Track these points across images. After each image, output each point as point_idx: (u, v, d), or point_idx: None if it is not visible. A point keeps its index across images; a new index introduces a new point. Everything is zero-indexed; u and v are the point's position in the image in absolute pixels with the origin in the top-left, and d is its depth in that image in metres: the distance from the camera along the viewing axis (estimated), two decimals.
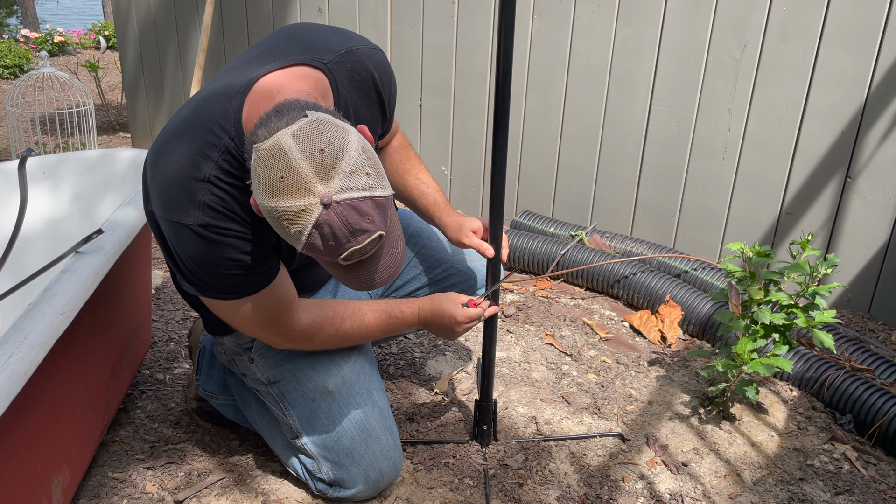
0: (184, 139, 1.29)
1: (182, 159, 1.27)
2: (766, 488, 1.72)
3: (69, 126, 4.32)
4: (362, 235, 1.15)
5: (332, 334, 1.51)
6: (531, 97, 2.97)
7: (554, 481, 1.71)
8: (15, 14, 12.52)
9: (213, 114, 1.28)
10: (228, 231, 1.29)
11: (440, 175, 3.32)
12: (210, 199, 1.26)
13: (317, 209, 1.11)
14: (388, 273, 1.26)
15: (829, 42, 2.34)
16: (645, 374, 2.17)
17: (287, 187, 1.11)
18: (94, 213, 2.22)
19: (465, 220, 1.69)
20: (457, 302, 1.57)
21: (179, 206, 1.27)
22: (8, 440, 1.26)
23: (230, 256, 1.30)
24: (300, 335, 1.49)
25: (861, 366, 2.11)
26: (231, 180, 1.27)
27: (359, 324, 1.54)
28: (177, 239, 1.30)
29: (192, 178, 1.26)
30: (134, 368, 1.97)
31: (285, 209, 1.12)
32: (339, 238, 1.14)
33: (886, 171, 2.35)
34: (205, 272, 1.32)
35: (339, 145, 1.12)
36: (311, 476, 1.61)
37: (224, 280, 1.34)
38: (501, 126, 1.48)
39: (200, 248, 1.29)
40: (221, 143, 1.27)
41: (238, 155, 1.27)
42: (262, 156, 1.13)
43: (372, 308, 1.56)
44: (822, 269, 1.85)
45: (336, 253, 1.16)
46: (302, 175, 1.10)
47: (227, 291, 1.36)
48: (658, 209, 2.82)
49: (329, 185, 1.11)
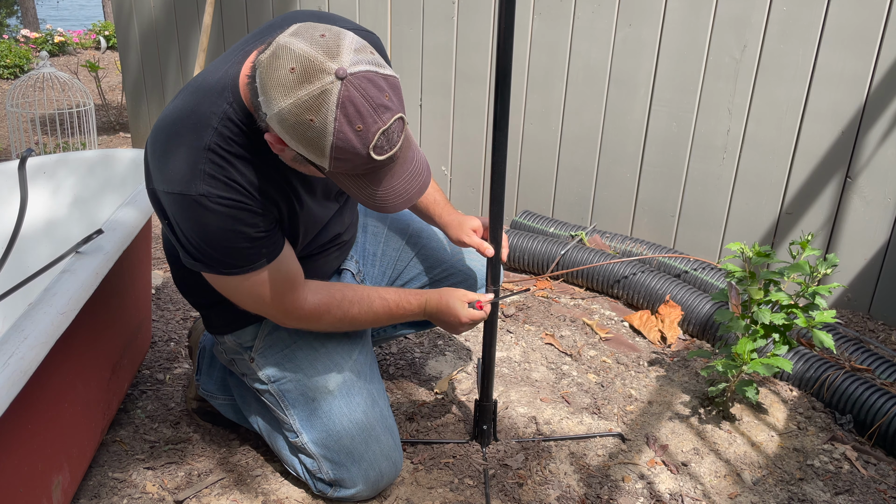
0: (183, 112, 1.29)
1: (181, 129, 1.27)
2: (766, 488, 1.72)
3: (69, 126, 4.33)
4: (386, 114, 1.13)
5: (339, 317, 1.51)
6: (531, 97, 2.97)
7: (554, 481, 1.71)
8: (15, 14, 12.53)
9: (212, 85, 1.29)
10: (230, 201, 1.27)
11: (440, 175, 3.32)
12: (211, 169, 1.25)
13: (335, 86, 1.09)
14: (419, 181, 1.25)
15: (829, 42, 2.34)
16: (645, 374, 2.17)
17: (299, 75, 1.10)
18: (94, 213, 2.22)
19: (465, 219, 1.69)
20: (463, 301, 1.57)
21: (180, 176, 1.25)
22: (8, 440, 1.26)
23: (232, 228, 1.28)
24: (308, 314, 1.47)
25: (861, 366, 2.11)
26: (231, 147, 1.27)
27: (366, 309, 1.53)
28: (178, 212, 1.28)
29: (191, 147, 1.25)
30: (134, 368, 1.97)
31: (304, 99, 1.10)
32: (364, 116, 1.11)
33: (886, 171, 2.35)
34: (208, 245, 1.30)
35: (336, 31, 1.15)
36: (311, 476, 1.61)
37: (227, 253, 1.32)
38: (501, 126, 1.48)
39: (202, 219, 1.27)
40: (220, 109, 1.26)
41: (237, 121, 1.27)
42: (266, 63, 1.13)
43: (380, 295, 1.56)
44: (822, 269, 1.85)
45: (366, 140, 1.13)
46: (311, 59, 1.10)
47: (231, 265, 1.34)
48: (658, 209, 2.82)
49: (340, 61, 1.10)
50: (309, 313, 1.47)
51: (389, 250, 1.87)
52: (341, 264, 1.78)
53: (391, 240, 1.88)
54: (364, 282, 1.82)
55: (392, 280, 1.86)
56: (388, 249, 1.87)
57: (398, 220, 1.91)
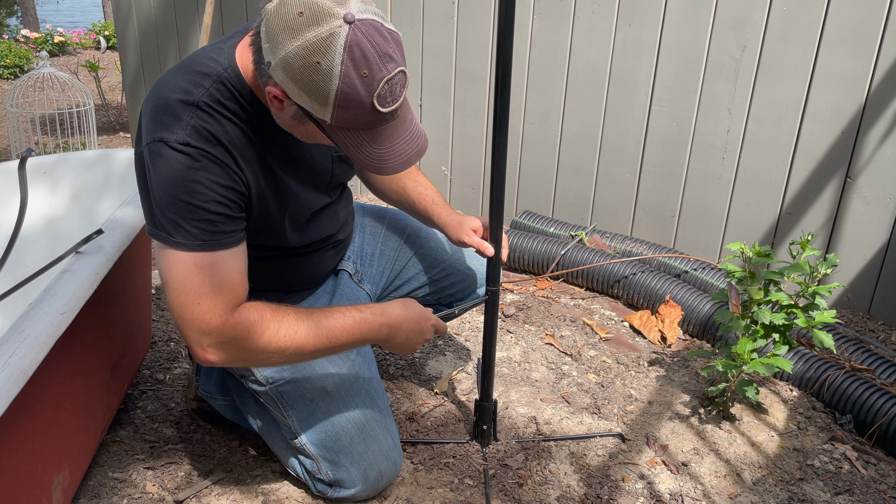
0: (176, 74, 1.30)
1: (174, 88, 1.28)
2: (766, 488, 1.72)
3: (69, 126, 4.33)
4: (390, 63, 1.15)
5: (274, 330, 1.33)
6: (531, 97, 2.97)
7: (554, 481, 1.71)
8: (15, 14, 12.53)
9: (208, 52, 1.31)
10: (207, 154, 1.25)
11: (440, 175, 3.32)
12: (196, 122, 1.25)
13: (343, 30, 1.11)
14: (418, 145, 1.26)
15: (829, 42, 2.33)
16: (645, 374, 2.17)
17: (308, 18, 1.11)
18: (94, 212, 2.22)
19: (464, 219, 1.69)
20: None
21: (164, 125, 1.25)
22: (8, 440, 1.26)
23: (201, 181, 1.24)
24: (233, 328, 1.30)
25: (861, 366, 2.11)
26: (220, 109, 1.27)
27: (314, 323, 1.38)
28: (153, 160, 1.26)
29: (180, 102, 1.26)
30: (134, 368, 1.97)
31: (312, 40, 1.11)
32: (370, 63, 1.12)
33: (886, 171, 2.35)
34: (172, 200, 1.24)
35: None
36: (310, 476, 1.61)
37: (187, 214, 1.25)
38: (501, 126, 1.48)
39: (175, 166, 1.24)
40: (215, 72, 1.28)
41: (231, 86, 1.28)
42: (273, 9, 1.14)
43: (331, 312, 1.42)
44: (821, 269, 1.85)
45: (371, 88, 1.14)
46: (319, 3, 1.11)
47: (185, 233, 1.26)
48: (658, 209, 2.82)
49: (348, 7, 1.12)
50: (231, 324, 1.30)
51: (388, 250, 1.87)
52: (338, 265, 1.77)
53: (389, 239, 1.88)
54: (362, 282, 1.82)
55: (391, 280, 1.86)
56: (387, 249, 1.87)
57: (396, 219, 1.91)
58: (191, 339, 1.31)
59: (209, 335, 1.29)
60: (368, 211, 1.92)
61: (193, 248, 1.27)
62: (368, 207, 1.94)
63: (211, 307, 1.28)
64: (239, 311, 1.31)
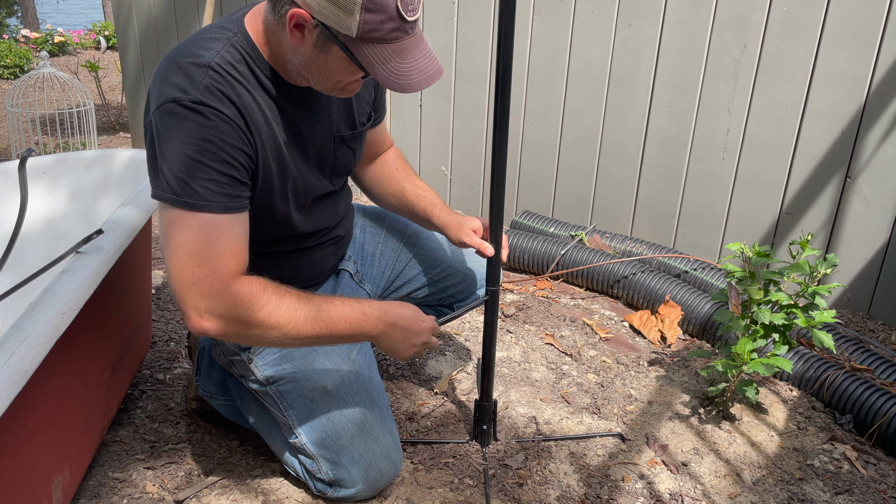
0: (187, 42, 1.33)
1: (185, 53, 1.30)
2: (766, 488, 1.72)
3: (69, 126, 4.33)
4: None
5: (275, 304, 1.32)
6: (531, 97, 2.97)
7: (554, 481, 1.71)
8: (15, 14, 12.53)
9: (215, 24, 1.35)
10: (220, 113, 1.26)
11: (440, 175, 3.32)
12: (209, 82, 1.26)
13: None
14: (436, 64, 1.28)
15: (829, 42, 2.34)
16: (645, 374, 2.17)
17: None
18: (94, 212, 2.22)
19: (464, 220, 1.69)
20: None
21: (176, 86, 1.26)
22: (8, 440, 1.26)
23: (214, 140, 1.25)
24: (233, 295, 1.28)
25: (861, 366, 2.11)
26: (231, 70, 1.29)
27: (316, 305, 1.37)
28: (164, 121, 1.25)
29: (192, 64, 1.27)
30: (134, 368, 1.97)
31: None
32: None
33: (886, 171, 2.35)
34: (181, 158, 1.24)
35: None
36: (310, 476, 1.61)
37: (196, 173, 1.24)
38: (501, 126, 1.48)
39: (187, 124, 1.24)
40: (224, 36, 1.32)
41: (241, 49, 1.31)
42: None
43: (333, 299, 1.42)
44: (821, 269, 1.85)
45: None
46: None
47: (193, 193, 1.25)
48: (658, 209, 2.82)
49: None
50: (235, 293, 1.28)
51: (388, 250, 1.87)
52: (338, 263, 1.77)
53: (390, 240, 1.88)
54: (363, 282, 1.82)
55: (391, 280, 1.86)
56: (387, 250, 1.87)
57: (397, 220, 1.91)
58: (188, 303, 1.27)
59: (208, 299, 1.27)
60: (369, 212, 1.93)
61: (199, 209, 1.26)
62: (369, 209, 1.94)
63: (212, 271, 1.26)
64: (241, 281, 1.30)
